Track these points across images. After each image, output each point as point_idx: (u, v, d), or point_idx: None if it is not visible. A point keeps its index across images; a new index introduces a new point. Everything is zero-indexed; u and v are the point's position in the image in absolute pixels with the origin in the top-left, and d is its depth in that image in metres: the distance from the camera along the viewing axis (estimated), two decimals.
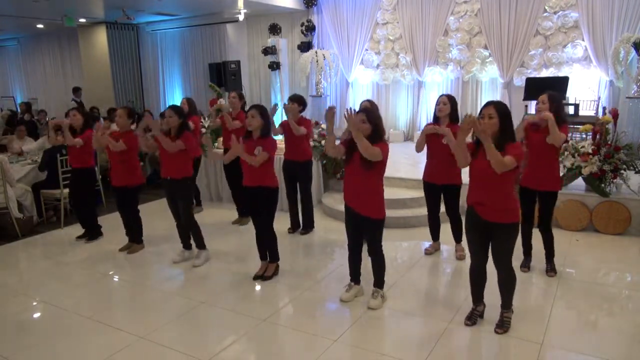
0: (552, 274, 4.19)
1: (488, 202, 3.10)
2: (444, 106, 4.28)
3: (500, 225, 3.11)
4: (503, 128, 3.03)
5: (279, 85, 10.87)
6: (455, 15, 8.82)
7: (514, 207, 3.14)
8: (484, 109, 3.11)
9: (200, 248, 4.70)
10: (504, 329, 3.29)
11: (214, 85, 7.98)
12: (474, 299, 3.43)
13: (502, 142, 3.02)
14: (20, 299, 4.11)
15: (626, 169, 5.07)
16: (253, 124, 4.02)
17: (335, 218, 5.95)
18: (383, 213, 3.58)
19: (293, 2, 10.12)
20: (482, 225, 3.16)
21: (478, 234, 3.21)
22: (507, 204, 3.09)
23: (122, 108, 4.95)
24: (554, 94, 3.94)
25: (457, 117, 4.36)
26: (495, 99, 3.53)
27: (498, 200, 3.08)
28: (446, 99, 4.33)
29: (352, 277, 3.88)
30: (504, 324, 3.31)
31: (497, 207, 3.08)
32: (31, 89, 15.12)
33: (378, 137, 3.42)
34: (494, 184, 3.04)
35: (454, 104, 4.35)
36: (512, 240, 3.19)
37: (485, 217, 3.13)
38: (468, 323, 3.40)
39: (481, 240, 3.22)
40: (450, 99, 4.33)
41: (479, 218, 3.16)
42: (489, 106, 3.09)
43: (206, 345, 3.29)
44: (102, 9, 10.29)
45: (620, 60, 7.18)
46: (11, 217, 5.60)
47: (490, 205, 3.10)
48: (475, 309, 3.43)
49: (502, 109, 3.06)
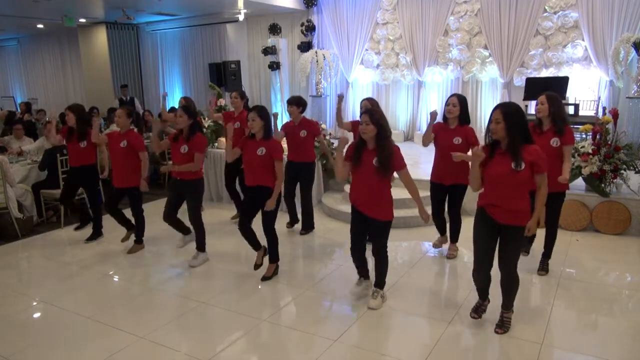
0: (542, 272, 4.20)
1: (501, 204, 3.08)
2: (453, 108, 4.22)
3: (511, 227, 3.09)
4: (510, 131, 2.98)
5: (279, 85, 10.87)
6: (455, 15, 8.82)
7: (526, 210, 3.10)
8: (492, 112, 3.07)
9: (200, 250, 4.69)
10: (504, 329, 3.29)
11: (214, 85, 7.98)
12: (480, 297, 3.43)
13: (513, 145, 2.99)
14: (20, 299, 4.11)
15: (626, 169, 5.07)
16: (254, 127, 4.02)
17: (335, 218, 5.95)
18: (391, 215, 3.57)
19: (293, 2, 10.12)
20: (492, 227, 3.14)
21: (487, 235, 3.19)
22: (520, 206, 3.06)
23: (121, 108, 4.94)
24: (553, 95, 3.91)
25: (468, 119, 4.30)
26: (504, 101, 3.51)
27: (511, 203, 3.05)
28: (456, 100, 4.24)
29: (361, 275, 3.88)
30: (504, 324, 3.31)
31: (509, 209, 3.06)
32: (31, 89, 15.12)
33: (384, 137, 3.39)
34: (509, 187, 3.03)
35: (464, 105, 4.26)
36: (520, 245, 3.18)
37: (496, 218, 3.11)
38: (475, 316, 3.40)
39: (490, 241, 3.19)
40: (461, 100, 4.25)
41: (490, 219, 3.14)
42: (496, 110, 3.05)
43: (206, 345, 3.29)
44: (102, 9, 10.30)
45: (620, 60, 7.19)
46: (11, 217, 5.60)
47: (503, 207, 3.07)
48: (482, 303, 3.43)
49: (508, 112, 2.99)
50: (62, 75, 14.32)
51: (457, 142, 4.21)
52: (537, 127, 3.95)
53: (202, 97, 11.46)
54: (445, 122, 4.34)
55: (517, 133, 2.99)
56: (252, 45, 11.46)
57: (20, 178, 6.15)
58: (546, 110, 3.84)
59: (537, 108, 3.90)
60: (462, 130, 4.25)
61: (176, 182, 4.53)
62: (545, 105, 3.84)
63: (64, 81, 14.32)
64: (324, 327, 3.48)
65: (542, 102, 3.87)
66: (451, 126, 4.29)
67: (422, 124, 9.38)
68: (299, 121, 5.11)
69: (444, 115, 4.32)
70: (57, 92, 14.43)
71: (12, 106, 13.58)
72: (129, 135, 4.79)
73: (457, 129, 4.26)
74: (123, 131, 4.82)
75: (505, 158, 3.03)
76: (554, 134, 3.84)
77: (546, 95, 3.88)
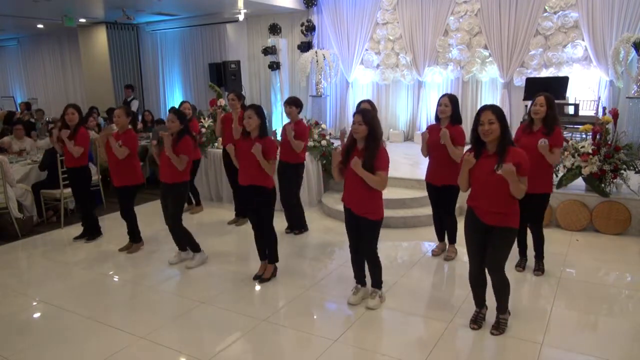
0: (538, 272, 4.20)
1: (487, 205, 3.08)
2: (445, 108, 4.24)
3: (498, 228, 3.09)
4: (504, 132, 2.99)
5: (279, 85, 10.87)
6: (455, 15, 8.82)
7: (513, 212, 3.09)
8: (481, 114, 3.01)
9: (194, 251, 4.68)
10: (500, 331, 3.29)
11: (214, 85, 7.98)
12: (477, 303, 3.41)
13: (504, 146, 3.00)
14: (20, 299, 4.11)
15: (626, 169, 5.07)
16: (251, 124, 4.01)
17: (335, 218, 5.96)
18: (381, 214, 3.56)
19: (293, 2, 10.12)
20: (480, 228, 3.15)
21: (476, 236, 3.20)
22: (507, 208, 3.06)
23: (120, 108, 4.95)
24: (552, 97, 3.91)
25: (459, 119, 4.31)
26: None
27: (497, 204, 3.06)
28: (447, 100, 4.26)
29: (357, 279, 3.87)
30: (500, 325, 3.30)
31: (496, 210, 3.07)
32: (31, 89, 15.12)
33: (374, 138, 3.40)
34: (494, 188, 3.03)
35: (456, 104, 4.28)
36: (507, 246, 3.16)
37: (483, 219, 3.12)
38: (474, 327, 3.36)
39: (478, 242, 3.20)
40: (452, 100, 4.27)
41: (477, 220, 3.15)
42: (486, 111, 3.00)
43: (206, 345, 3.29)
44: (102, 9, 10.29)
45: (620, 60, 7.19)
46: (11, 217, 5.60)
47: (489, 208, 3.08)
48: (480, 312, 3.42)
49: (500, 113, 3.01)
50: (62, 75, 14.31)
51: (443, 142, 4.22)
52: (527, 127, 3.97)
53: (202, 97, 11.47)
54: (438, 122, 4.36)
55: (508, 134, 3.02)
56: (252, 45, 11.46)
57: (20, 178, 6.15)
58: (544, 112, 3.86)
59: (535, 109, 3.89)
60: (453, 129, 4.26)
61: (162, 186, 4.54)
62: (544, 108, 3.85)
63: (64, 81, 14.32)
64: (323, 327, 3.48)
65: (541, 104, 3.86)
66: (442, 126, 4.30)
67: (422, 124, 9.37)
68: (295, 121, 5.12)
69: (437, 115, 4.34)
70: (57, 92, 14.42)
71: (12, 106, 13.59)
72: (125, 135, 4.79)
73: (448, 128, 4.27)
74: (121, 131, 4.82)
75: (491, 160, 3.03)
76: (543, 135, 3.85)
77: (545, 97, 3.88)
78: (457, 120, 4.30)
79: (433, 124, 4.50)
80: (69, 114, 5.10)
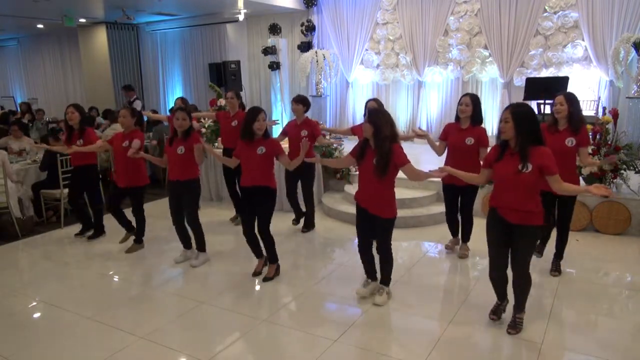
0: (555, 273, 4.19)
1: (511, 205, 3.07)
2: (466, 107, 4.20)
3: (522, 227, 3.08)
4: (519, 131, 2.98)
5: (279, 85, 10.88)
6: (455, 15, 8.83)
7: (538, 210, 3.08)
8: (503, 112, 3.09)
9: (200, 250, 4.69)
10: (517, 330, 3.28)
11: (214, 85, 7.98)
12: (499, 297, 3.42)
13: (523, 145, 2.98)
14: (20, 299, 4.11)
15: (626, 169, 5.07)
16: (262, 128, 4.02)
17: (336, 218, 5.95)
18: (395, 212, 3.59)
19: (293, 2, 10.13)
20: (504, 227, 3.14)
21: (499, 236, 3.18)
22: (531, 206, 3.05)
23: (125, 108, 4.95)
24: (572, 95, 3.89)
25: (481, 119, 4.29)
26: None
27: (521, 203, 3.04)
28: (469, 100, 4.22)
29: (367, 274, 3.89)
30: (517, 325, 3.30)
31: (520, 209, 3.05)
32: (31, 89, 15.13)
33: (381, 138, 3.38)
34: (518, 187, 3.02)
35: (477, 105, 4.24)
36: (532, 244, 3.16)
37: (508, 218, 3.11)
38: (493, 317, 3.40)
39: (502, 242, 3.18)
40: (474, 100, 4.23)
41: (501, 219, 3.14)
42: (506, 110, 3.07)
43: (206, 345, 3.29)
44: (102, 9, 10.29)
45: (620, 60, 7.19)
46: (11, 217, 5.60)
47: (514, 207, 3.07)
48: (501, 304, 3.43)
49: (516, 112, 3.00)
50: (62, 75, 14.32)
51: (469, 143, 4.21)
52: (552, 126, 3.93)
53: (202, 97, 11.47)
54: (458, 121, 4.32)
55: (526, 133, 2.98)
56: (252, 45, 11.46)
57: (20, 178, 6.14)
58: (565, 110, 3.82)
59: (556, 108, 3.86)
60: (474, 130, 4.23)
61: (174, 183, 4.52)
62: (564, 106, 3.81)
63: (64, 81, 14.32)
64: (324, 327, 3.47)
65: (561, 103, 3.83)
66: (463, 126, 4.27)
67: (422, 124, 9.38)
68: (301, 121, 5.13)
69: (457, 115, 4.31)
70: (57, 92, 14.43)
71: (12, 106, 13.59)
72: (131, 135, 4.79)
73: (469, 129, 4.25)
74: (127, 131, 4.83)
75: (513, 159, 3.03)
76: (569, 134, 3.83)
77: (564, 95, 3.86)
78: (478, 120, 4.26)
79: (452, 122, 4.45)
80: (69, 113, 5.12)
